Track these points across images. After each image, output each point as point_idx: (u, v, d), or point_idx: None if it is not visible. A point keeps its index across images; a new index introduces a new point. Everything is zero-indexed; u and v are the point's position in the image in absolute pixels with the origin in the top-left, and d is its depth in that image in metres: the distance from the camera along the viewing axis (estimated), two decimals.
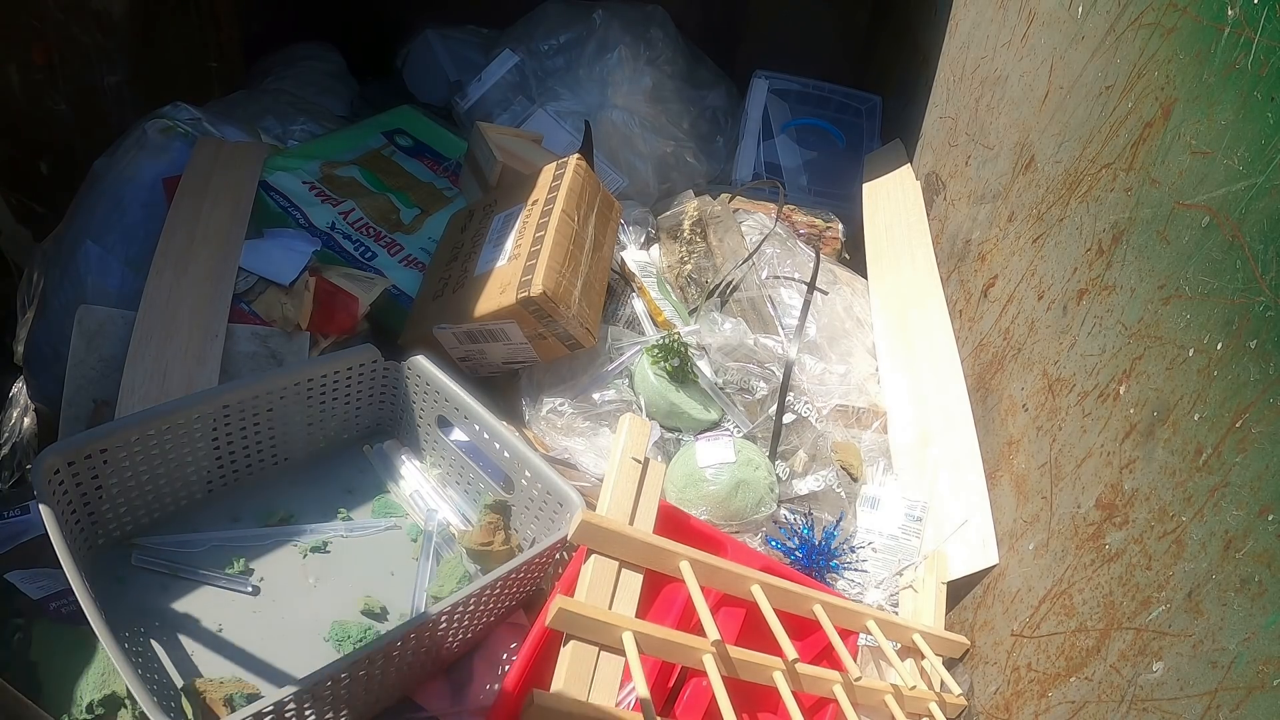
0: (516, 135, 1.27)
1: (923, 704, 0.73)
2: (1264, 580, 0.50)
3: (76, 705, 0.67)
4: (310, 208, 1.12)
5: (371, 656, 0.62)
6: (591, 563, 0.59)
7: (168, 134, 1.09)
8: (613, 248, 1.09)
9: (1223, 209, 0.59)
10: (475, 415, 0.85)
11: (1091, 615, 0.65)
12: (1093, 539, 0.67)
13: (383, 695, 0.70)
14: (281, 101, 1.34)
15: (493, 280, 0.96)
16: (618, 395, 0.98)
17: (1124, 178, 0.72)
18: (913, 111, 1.37)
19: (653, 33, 1.44)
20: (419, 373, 0.90)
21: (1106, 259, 0.73)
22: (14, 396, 1.00)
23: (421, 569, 0.83)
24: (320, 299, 0.97)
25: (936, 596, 0.85)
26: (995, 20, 1.08)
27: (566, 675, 0.54)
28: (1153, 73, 0.71)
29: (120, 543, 0.77)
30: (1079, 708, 0.63)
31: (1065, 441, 0.74)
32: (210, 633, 0.73)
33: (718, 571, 0.65)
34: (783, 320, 1.09)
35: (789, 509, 0.96)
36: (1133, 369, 0.66)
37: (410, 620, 0.64)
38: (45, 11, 1.04)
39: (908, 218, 1.24)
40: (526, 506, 0.84)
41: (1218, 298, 0.58)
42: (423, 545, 0.85)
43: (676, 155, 1.44)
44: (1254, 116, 0.57)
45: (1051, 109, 0.89)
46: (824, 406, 1.02)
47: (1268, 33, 0.57)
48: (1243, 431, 0.53)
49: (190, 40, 1.39)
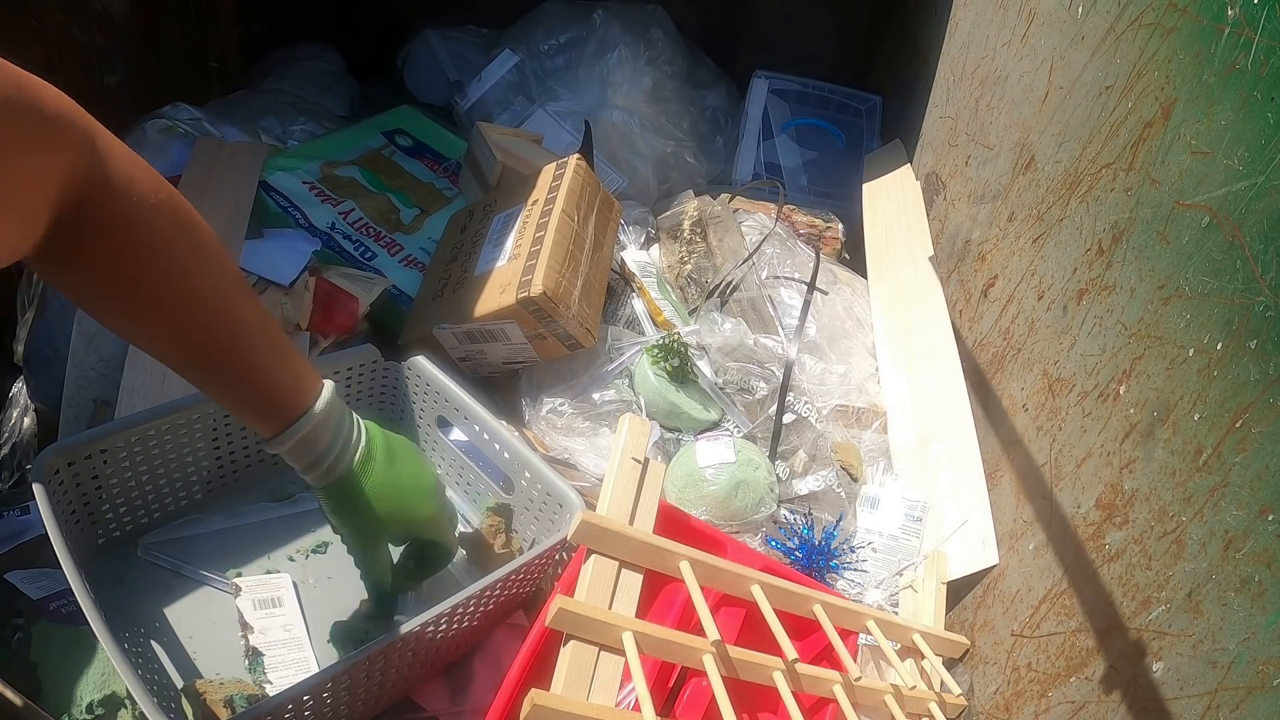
0: (516, 135, 1.27)
1: (923, 704, 0.73)
2: (1264, 580, 0.50)
3: (76, 705, 0.67)
4: (310, 208, 1.12)
5: (371, 658, 0.62)
6: (591, 563, 0.59)
7: (168, 134, 1.09)
8: (613, 248, 1.09)
9: (1223, 209, 0.59)
10: (475, 416, 0.85)
11: (1091, 615, 0.65)
12: (1093, 539, 0.67)
13: (382, 696, 0.70)
14: (281, 101, 1.34)
15: (493, 280, 0.96)
16: (618, 395, 0.98)
17: (1124, 178, 0.72)
18: (913, 111, 1.37)
19: (653, 33, 1.44)
20: (419, 373, 0.90)
21: (1106, 259, 0.73)
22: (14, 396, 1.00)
23: None
24: (320, 299, 0.97)
25: (936, 596, 0.85)
26: (995, 20, 1.08)
27: (566, 675, 0.54)
28: (1153, 73, 0.71)
29: (121, 542, 0.77)
30: (1079, 708, 0.63)
31: (1065, 441, 0.74)
32: (210, 633, 0.73)
33: (718, 571, 0.65)
34: (783, 320, 1.09)
35: (789, 509, 0.96)
36: (1133, 369, 0.66)
37: (410, 622, 0.64)
38: (45, 11, 1.04)
39: (908, 218, 1.24)
40: (526, 507, 0.84)
41: (1218, 298, 0.58)
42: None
43: (676, 155, 1.44)
44: (1254, 116, 0.57)
45: (1051, 109, 0.89)
46: (824, 406, 1.02)
47: (1268, 33, 0.57)
48: (1243, 431, 0.53)
49: (190, 40, 1.39)
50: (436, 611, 0.65)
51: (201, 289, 0.55)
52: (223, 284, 0.56)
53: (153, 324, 0.55)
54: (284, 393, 0.60)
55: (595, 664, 0.55)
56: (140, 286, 0.52)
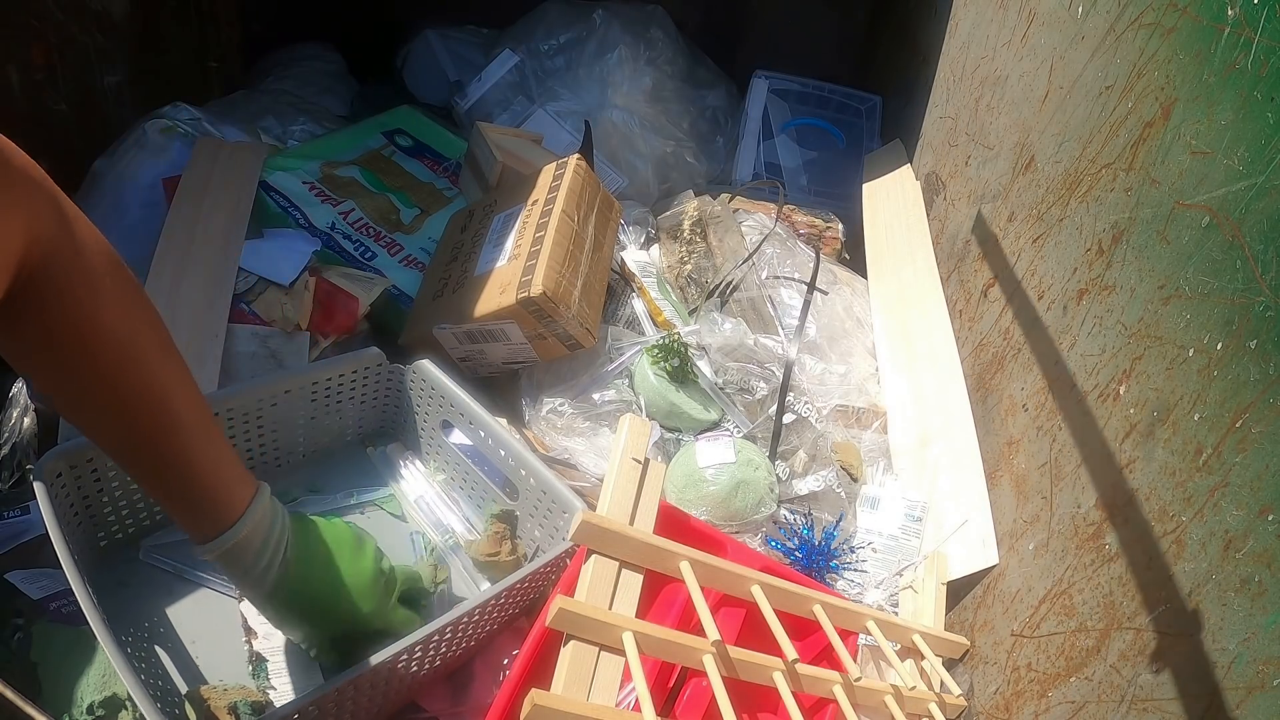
0: (516, 135, 1.27)
1: (923, 704, 0.73)
2: (1264, 580, 0.50)
3: (77, 706, 0.67)
4: (310, 208, 1.12)
5: (377, 668, 0.61)
6: (591, 563, 0.59)
7: (168, 134, 1.09)
8: (613, 248, 1.09)
9: (1223, 209, 0.59)
10: (480, 421, 0.85)
11: (1091, 615, 0.65)
12: (1093, 539, 0.67)
13: (386, 704, 0.70)
14: (281, 101, 1.34)
15: (493, 280, 0.96)
16: (618, 395, 0.98)
17: (1124, 178, 0.72)
18: (913, 111, 1.37)
19: (653, 33, 1.44)
20: (424, 377, 0.90)
21: (1106, 259, 0.73)
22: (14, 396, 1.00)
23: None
24: (320, 299, 0.97)
25: (936, 597, 0.85)
26: (995, 20, 1.08)
27: (566, 675, 0.54)
28: (1153, 73, 0.71)
29: (123, 545, 0.77)
30: (1079, 708, 0.63)
31: (1065, 441, 0.74)
32: (212, 637, 0.73)
33: (718, 572, 0.65)
34: (783, 320, 1.09)
35: (789, 509, 0.96)
36: (1133, 369, 0.66)
37: (417, 631, 0.64)
38: (45, 11, 1.04)
39: (908, 218, 1.24)
40: (531, 514, 0.84)
41: (1218, 298, 0.58)
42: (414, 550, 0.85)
43: (676, 155, 1.44)
44: (1254, 116, 0.57)
45: (1051, 109, 0.89)
46: (824, 406, 1.02)
47: (1268, 33, 0.57)
48: (1243, 431, 0.53)
49: (190, 40, 1.39)
50: (443, 623, 0.65)
51: (147, 364, 0.53)
52: (169, 368, 0.54)
53: (94, 392, 0.53)
54: (216, 497, 0.58)
55: (595, 664, 0.55)
56: (88, 350, 0.51)
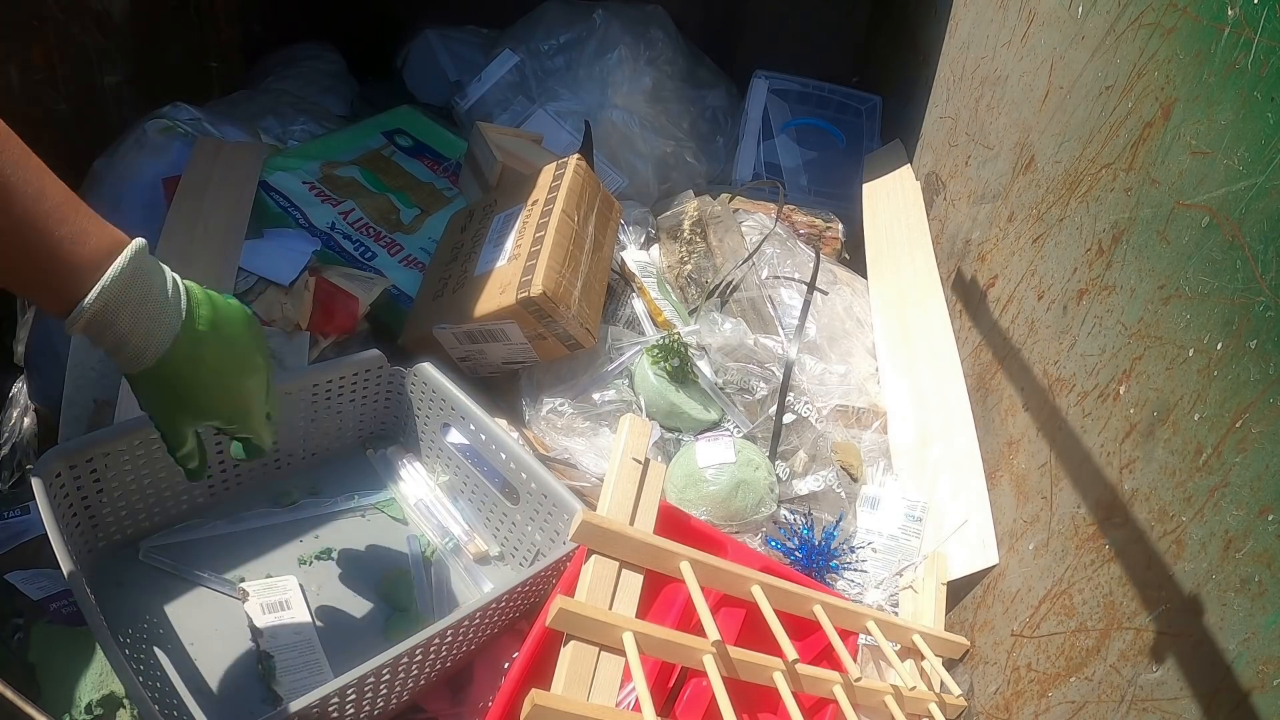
0: (516, 135, 1.27)
1: (923, 704, 0.73)
2: (1264, 580, 0.50)
3: (76, 706, 0.67)
4: (310, 208, 1.12)
5: (377, 672, 0.62)
6: (592, 563, 0.59)
7: (168, 134, 1.09)
8: (613, 248, 1.09)
9: (1223, 209, 0.59)
10: (481, 424, 0.85)
11: (1091, 615, 0.65)
12: (1093, 539, 0.67)
13: (386, 707, 0.70)
14: (281, 101, 1.34)
15: (493, 280, 0.96)
16: (618, 395, 0.98)
17: (1124, 178, 0.72)
18: (913, 111, 1.37)
19: (653, 33, 1.44)
20: (425, 379, 0.90)
21: (1106, 259, 0.73)
22: (14, 396, 1.00)
23: (423, 577, 0.83)
24: (320, 299, 0.97)
25: (936, 597, 0.85)
26: (995, 20, 1.08)
27: (566, 675, 0.54)
28: (1153, 73, 0.71)
29: (122, 545, 0.77)
30: (1079, 708, 0.63)
31: (1065, 441, 0.74)
32: (211, 637, 0.73)
33: (718, 572, 0.65)
34: (783, 320, 1.09)
35: (789, 509, 0.96)
36: (1133, 369, 0.66)
37: (417, 635, 0.64)
38: (45, 11, 1.04)
39: (908, 218, 1.24)
40: (531, 518, 0.84)
41: (1218, 298, 0.58)
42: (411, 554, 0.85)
43: (676, 155, 1.44)
44: (1254, 116, 0.57)
45: (1051, 109, 0.89)
46: (824, 406, 1.02)
47: (1268, 33, 0.57)
48: (1243, 431, 0.53)
49: (190, 40, 1.39)
50: (444, 625, 0.65)
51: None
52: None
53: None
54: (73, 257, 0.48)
55: (595, 664, 0.55)
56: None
